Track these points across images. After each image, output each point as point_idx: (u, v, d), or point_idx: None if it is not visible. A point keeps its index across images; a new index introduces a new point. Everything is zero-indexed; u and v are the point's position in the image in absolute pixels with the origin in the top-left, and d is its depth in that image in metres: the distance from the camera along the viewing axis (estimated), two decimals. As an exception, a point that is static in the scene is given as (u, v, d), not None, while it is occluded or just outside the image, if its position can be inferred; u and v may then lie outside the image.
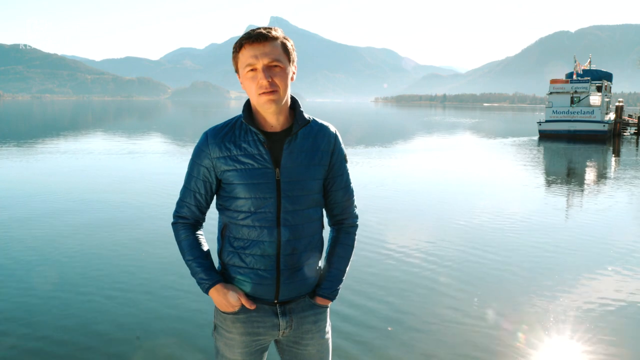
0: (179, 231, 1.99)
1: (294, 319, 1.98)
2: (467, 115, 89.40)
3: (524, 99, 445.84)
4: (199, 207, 1.98)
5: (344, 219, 2.07)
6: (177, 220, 2.01)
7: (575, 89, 33.37)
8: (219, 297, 1.93)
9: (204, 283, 1.93)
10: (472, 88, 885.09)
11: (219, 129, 1.91)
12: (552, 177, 15.91)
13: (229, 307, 1.93)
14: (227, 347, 1.99)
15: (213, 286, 1.92)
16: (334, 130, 1.98)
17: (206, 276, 1.93)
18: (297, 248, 1.90)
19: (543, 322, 4.69)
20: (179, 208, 2.00)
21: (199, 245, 1.98)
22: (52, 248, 6.88)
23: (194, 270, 1.95)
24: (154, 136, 30.54)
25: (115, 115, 69.77)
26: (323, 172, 1.93)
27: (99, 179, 12.94)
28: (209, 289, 1.93)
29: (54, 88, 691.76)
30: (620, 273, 6.13)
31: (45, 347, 4.15)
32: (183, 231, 1.99)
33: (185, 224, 2.00)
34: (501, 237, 7.75)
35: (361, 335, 4.38)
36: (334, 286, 2.02)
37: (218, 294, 1.92)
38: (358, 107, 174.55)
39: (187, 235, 1.98)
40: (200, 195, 1.96)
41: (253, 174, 1.85)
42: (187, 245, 1.97)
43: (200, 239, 2.01)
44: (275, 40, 1.80)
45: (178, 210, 2.00)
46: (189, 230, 1.99)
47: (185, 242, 1.98)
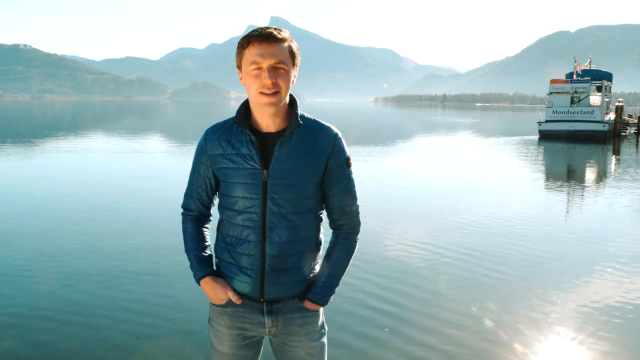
0: (185, 222, 2.07)
1: (280, 319, 1.98)
2: (467, 115, 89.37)
3: (524, 99, 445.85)
4: (201, 202, 2.05)
5: (343, 224, 2.03)
6: (185, 211, 2.09)
7: (575, 89, 33.36)
8: (208, 289, 1.99)
9: (196, 273, 2.01)
10: (472, 88, 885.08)
11: (217, 127, 1.96)
12: (552, 177, 15.91)
13: (217, 300, 1.98)
14: (217, 339, 2.05)
15: (203, 278, 1.99)
16: (336, 131, 1.95)
17: (199, 267, 2.00)
18: (282, 250, 1.89)
19: (542, 323, 4.68)
20: (185, 201, 2.08)
21: (200, 237, 2.04)
22: (51, 248, 6.87)
23: (191, 261, 2.02)
24: (154, 136, 30.51)
25: (116, 115, 69.71)
26: (316, 176, 1.90)
27: (98, 179, 12.92)
28: (199, 280, 2.01)
29: (54, 88, 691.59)
30: (621, 273, 6.12)
31: (45, 346, 4.15)
32: (187, 222, 2.07)
33: (192, 216, 2.07)
34: (500, 237, 7.75)
35: (358, 337, 4.38)
36: (325, 292, 1.99)
37: (207, 286, 1.98)
38: (358, 107, 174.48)
39: (192, 226, 2.06)
40: (201, 190, 2.02)
41: (242, 174, 1.87)
42: (189, 236, 2.05)
43: (204, 232, 2.07)
44: (283, 42, 1.81)
45: (185, 202, 2.08)
46: (193, 223, 2.06)
47: (188, 232, 2.05)
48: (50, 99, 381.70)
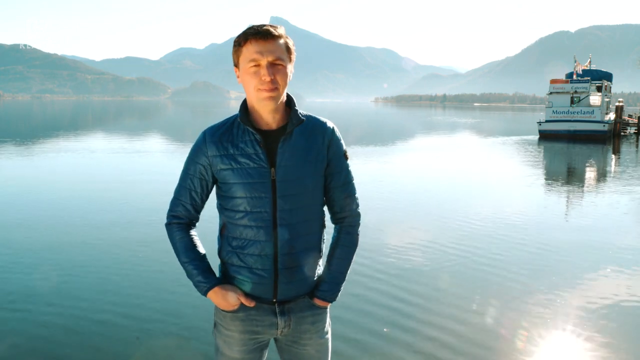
0: (173, 232, 1.99)
1: (293, 318, 1.98)
2: (467, 115, 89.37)
3: (524, 99, 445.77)
4: (194, 206, 1.98)
5: (344, 217, 2.05)
6: (171, 220, 2.00)
7: (575, 89, 33.35)
8: (217, 298, 1.94)
9: (202, 286, 1.94)
10: (472, 88, 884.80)
11: (216, 127, 1.93)
12: (552, 177, 15.91)
13: (229, 307, 1.94)
14: (226, 344, 2.00)
15: (211, 289, 1.94)
16: (331, 125, 1.98)
17: (204, 279, 1.94)
18: (295, 247, 1.90)
19: (543, 322, 4.69)
20: (173, 207, 2.00)
21: (194, 246, 1.98)
22: (51, 248, 6.88)
23: (191, 273, 1.96)
24: (154, 136, 30.52)
25: (116, 115, 69.76)
26: (321, 169, 1.93)
27: (98, 179, 12.93)
28: (207, 292, 1.94)
29: (54, 88, 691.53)
30: (621, 273, 6.12)
31: (45, 346, 4.15)
32: (177, 232, 1.98)
33: (180, 224, 1.99)
34: (501, 236, 7.75)
35: (360, 336, 4.38)
36: (333, 288, 2.02)
37: (217, 296, 1.94)
38: (358, 107, 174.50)
39: (182, 236, 1.98)
40: (195, 193, 1.96)
41: (249, 173, 1.86)
42: (182, 247, 1.97)
43: (195, 240, 2.00)
44: (279, 38, 1.83)
45: (172, 209, 2.00)
46: (184, 232, 1.99)
47: (180, 243, 1.97)
48: (50, 99, 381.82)
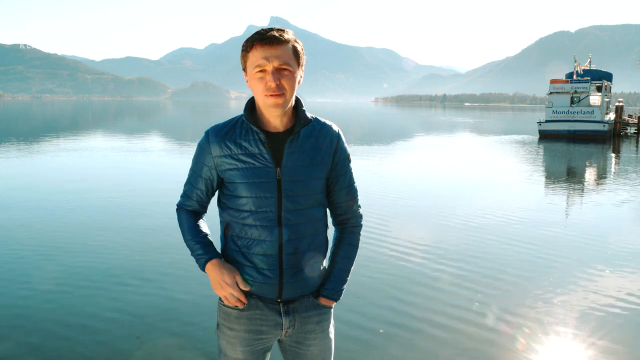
0: (181, 215, 2.04)
1: (297, 318, 1.98)
2: (467, 115, 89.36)
3: (524, 99, 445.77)
4: (200, 202, 2.03)
5: (348, 219, 2.07)
6: (181, 206, 2.06)
7: (575, 89, 33.34)
8: (214, 273, 1.91)
9: (201, 258, 1.94)
10: (472, 88, 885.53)
11: (220, 127, 1.93)
12: (552, 176, 15.90)
13: (223, 287, 1.90)
14: (229, 345, 1.99)
15: (210, 260, 1.93)
16: (337, 129, 1.99)
17: (203, 251, 1.94)
18: (299, 247, 1.91)
19: (543, 322, 4.68)
20: (182, 200, 2.05)
21: (200, 227, 2.02)
22: (51, 247, 6.87)
23: (193, 248, 1.97)
24: (154, 136, 30.51)
25: (116, 115, 69.72)
26: (325, 172, 1.94)
27: (98, 178, 12.91)
28: (205, 264, 1.93)
29: (54, 88, 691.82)
30: (621, 273, 6.12)
31: (45, 346, 4.14)
32: (185, 214, 2.04)
33: (189, 210, 2.05)
34: (501, 236, 7.74)
35: (362, 335, 4.38)
36: (338, 287, 2.03)
37: (214, 269, 1.91)
38: (358, 107, 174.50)
39: (188, 218, 2.03)
40: (201, 192, 2.00)
41: (254, 173, 1.86)
42: (187, 227, 2.01)
43: (201, 222, 2.05)
44: (287, 43, 1.81)
45: (182, 201, 2.06)
46: (191, 215, 2.04)
47: (186, 223, 2.01)
48: (50, 99, 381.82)
